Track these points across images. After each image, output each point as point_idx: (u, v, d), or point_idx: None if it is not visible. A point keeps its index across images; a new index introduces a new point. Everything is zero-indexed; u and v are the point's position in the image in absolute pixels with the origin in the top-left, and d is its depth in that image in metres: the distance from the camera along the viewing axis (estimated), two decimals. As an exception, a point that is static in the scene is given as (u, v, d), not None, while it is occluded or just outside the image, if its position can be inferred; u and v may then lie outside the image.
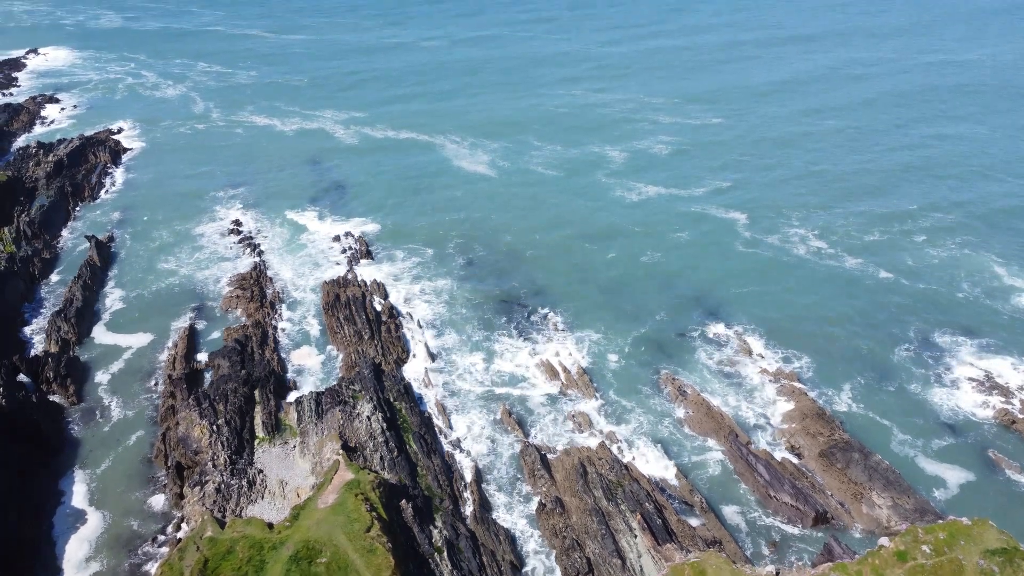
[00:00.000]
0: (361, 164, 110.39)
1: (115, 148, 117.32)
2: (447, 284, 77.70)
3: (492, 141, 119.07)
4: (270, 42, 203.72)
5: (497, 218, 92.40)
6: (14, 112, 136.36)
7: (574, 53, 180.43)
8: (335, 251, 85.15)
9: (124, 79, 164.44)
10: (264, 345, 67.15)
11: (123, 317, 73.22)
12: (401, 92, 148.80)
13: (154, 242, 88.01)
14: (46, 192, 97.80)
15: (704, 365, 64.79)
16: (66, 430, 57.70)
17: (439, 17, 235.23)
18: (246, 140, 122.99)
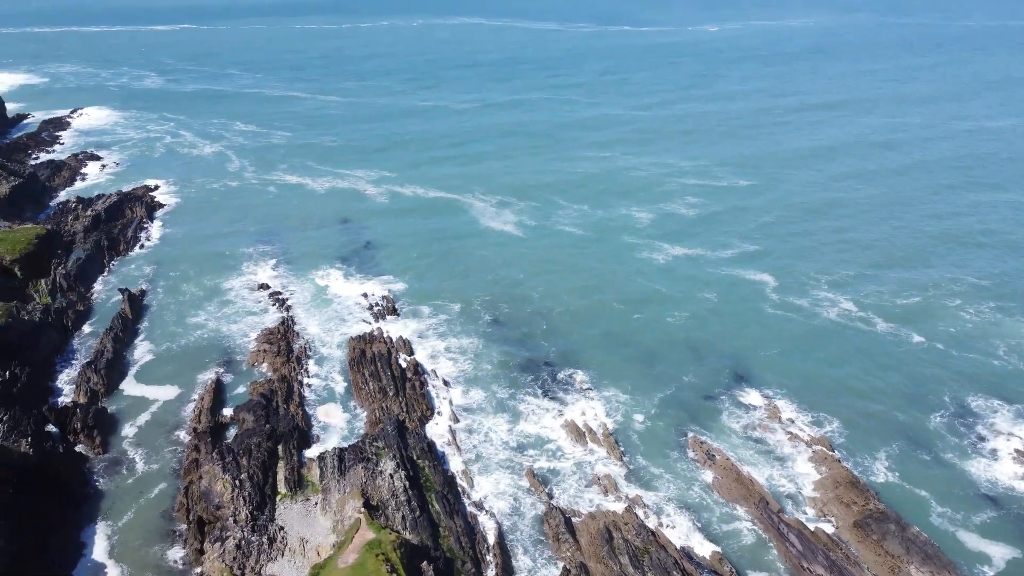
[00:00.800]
0: (390, 222, 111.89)
1: (151, 204, 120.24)
2: (473, 342, 77.63)
3: (520, 201, 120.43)
4: (305, 103, 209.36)
5: (523, 277, 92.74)
6: (56, 168, 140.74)
7: (602, 118, 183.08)
8: (362, 307, 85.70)
9: (163, 138, 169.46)
10: (289, 400, 67.17)
11: (152, 369, 73.79)
12: (432, 154, 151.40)
13: (184, 296, 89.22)
14: (83, 245, 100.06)
15: (732, 429, 63.62)
16: (90, 481, 57.68)
17: (472, 81, 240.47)
18: (278, 198, 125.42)
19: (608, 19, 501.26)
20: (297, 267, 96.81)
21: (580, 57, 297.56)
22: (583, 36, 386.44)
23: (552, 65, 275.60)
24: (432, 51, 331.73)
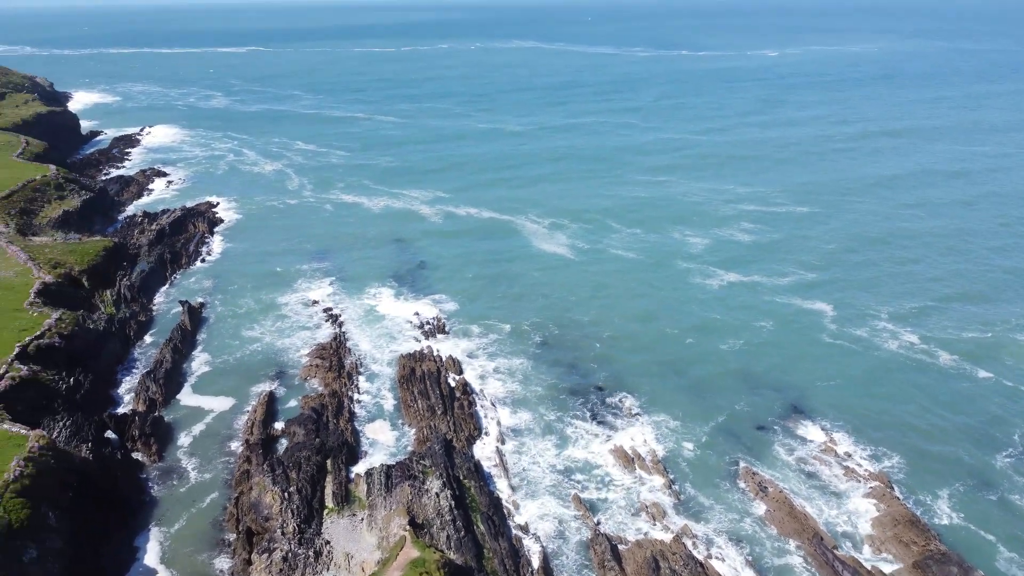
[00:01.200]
0: (442, 242, 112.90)
1: (213, 219, 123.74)
2: (522, 363, 77.43)
3: (573, 224, 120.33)
4: (363, 124, 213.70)
5: (575, 300, 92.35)
6: (125, 184, 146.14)
7: (659, 142, 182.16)
8: (412, 325, 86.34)
9: (226, 156, 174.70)
10: (339, 415, 67.82)
11: (208, 381, 75.45)
12: (486, 176, 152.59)
13: (241, 309, 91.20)
14: (147, 258, 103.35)
15: (786, 461, 61.89)
16: (145, 488, 59.02)
17: (528, 105, 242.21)
18: (334, 216, 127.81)
19: (665, 44, 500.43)
20: (350, 284, 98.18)
21: (637, 82, 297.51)
22: (640, 61, 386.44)
23: (608, 89, 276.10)
24: (489, 74, 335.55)
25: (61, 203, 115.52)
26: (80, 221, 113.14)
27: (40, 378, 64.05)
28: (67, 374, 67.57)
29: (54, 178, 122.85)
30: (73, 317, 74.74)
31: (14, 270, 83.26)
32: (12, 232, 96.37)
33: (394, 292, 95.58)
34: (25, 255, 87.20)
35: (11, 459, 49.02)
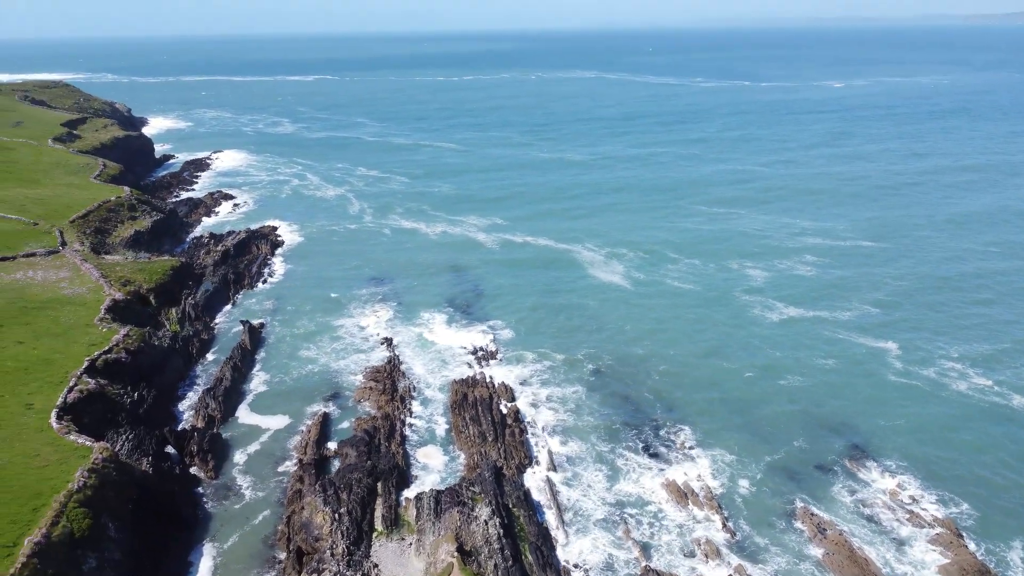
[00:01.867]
0: (498, 270, 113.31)
1: (275, 242, 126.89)
2: (575, 392, 76.76)
3: (630, 253, 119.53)
4: (425, 152, 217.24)
5: (630, 330, 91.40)
6: (194, 206, 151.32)
7: (721, 174, 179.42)
8: (466, 351, 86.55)
9: (290, 181, 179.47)
10: (391, 438, 68.14)
11: (265, 400, 76.82)
12: (545, 205, 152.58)
13: (299, 331, 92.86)
14: (212, 278, 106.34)
15: (846, 503, 59.63)
16: (201, 504, 60.09)
17: (590, 135, 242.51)
18: (392, 241, 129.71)
19: (727, 74, 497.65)
20: (406, 308, 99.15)
21: (700, 112, 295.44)
22: (702, 91, 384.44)
23: (671, 120, 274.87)
24: (550, 104, 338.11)
25: (133, 223, 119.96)
26: (150, 241, 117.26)
27: (107, 392, 66.07)
28: (132, 389, 69.57)
29: (128, 199, 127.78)
30: (140, 333, 77.11)
31: (87, 287, 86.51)
32: (87, 250, 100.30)
33: (449, 318, 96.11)
34: (98, 272, 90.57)
35: (76, 470, 50.49)
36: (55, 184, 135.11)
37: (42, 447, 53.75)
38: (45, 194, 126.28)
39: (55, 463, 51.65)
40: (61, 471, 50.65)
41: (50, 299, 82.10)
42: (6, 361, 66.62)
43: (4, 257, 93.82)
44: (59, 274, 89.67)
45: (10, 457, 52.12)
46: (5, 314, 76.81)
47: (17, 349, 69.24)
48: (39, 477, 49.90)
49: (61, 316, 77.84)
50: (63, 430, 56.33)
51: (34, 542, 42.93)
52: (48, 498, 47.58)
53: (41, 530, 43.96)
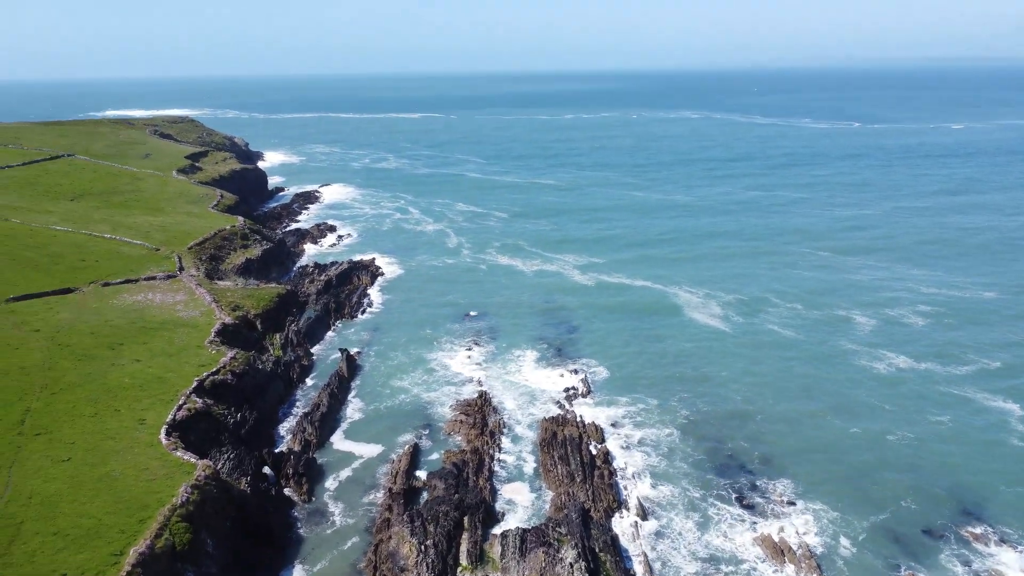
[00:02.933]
0: (592, 309, 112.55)
1: (376, 273, 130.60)
2: (668, 436, 74.84)
3: (729, 296, 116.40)
4: (524, 189, 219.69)
5: (726, 374, 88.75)
6: (301, 236, 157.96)
7: (831, 221, 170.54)
8: (557, 389, 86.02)
9: (393, 214, 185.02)
10: (479, 473, 68.12)
11: (359, 427, 78.47)
12: (642, 246, 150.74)
13: (393, 361, 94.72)
14: (314, 306, 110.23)
15: (955, 572, 55.29)
16: (294, 526, 61.56)
17: (694, 178, 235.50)
18: (488, 276, 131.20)
19: (837, 115, 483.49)
20: (499, 344, 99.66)
21: (810, 155, 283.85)
22: (813, 134, 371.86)
23: (780, 163, 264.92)
24: (653, 144, 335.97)
25: (245, 251, 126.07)
26: (259, 269, 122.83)
27: (212, 411, 69.02)
28: (235, 410, 72.42)
29: (241, 229, 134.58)
30: (245, 357, 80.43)
31: (200, 310, 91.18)
32: (201, 276, 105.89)
33: (541, 355, 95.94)
34: (210, 297, 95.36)
35: (180, 485, 52.74)
36: (176, 212, 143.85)
37: (151, 461, 56.49)
38: (167, 222, 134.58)
39: (162, 477, 54.14)
40: (167, 485, 53.02)
41: (166, 321, 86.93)
42: (124, 378, 70.74)
43: (129, 279, 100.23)
44: (176, 297, 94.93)
45: (122, 469, 55.02)
46: (126, 333, 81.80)
47: (134, 367, 73.43)
48: (147, 490, 52.39)
49: (175, 337, 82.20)
50: (171, 446, 59.07)
51: (139, 552, 44.93)
52: (153, 511, 49.83)
53: (146, 541, 45.99)
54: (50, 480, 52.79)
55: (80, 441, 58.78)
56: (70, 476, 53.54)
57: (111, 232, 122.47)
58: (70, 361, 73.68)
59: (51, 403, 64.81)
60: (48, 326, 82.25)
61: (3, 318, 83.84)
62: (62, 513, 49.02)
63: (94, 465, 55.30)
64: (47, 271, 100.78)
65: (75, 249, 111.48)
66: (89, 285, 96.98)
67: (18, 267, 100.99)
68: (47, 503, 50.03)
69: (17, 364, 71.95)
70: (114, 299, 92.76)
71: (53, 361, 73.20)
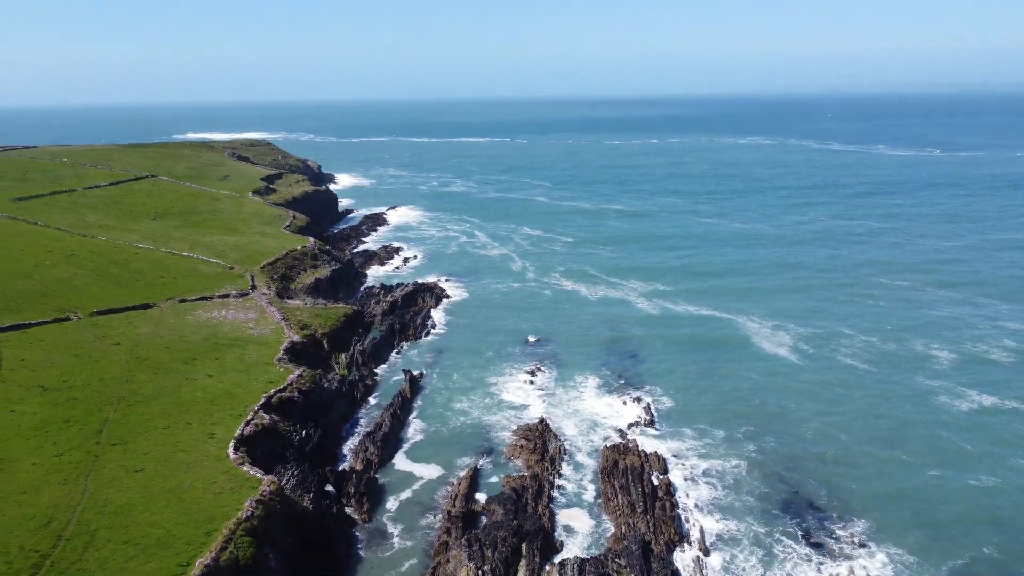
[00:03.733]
0: (656, 336, 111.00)
1: (440, 295, 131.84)
2: (733, 470, 72.84)
3: (800, 328, 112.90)
4: (589, 214, 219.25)
5: (796, 408, 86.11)
6: (368, 257, 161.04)
7: (911, 254, 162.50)
8: (619, 417, 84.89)
9: (459, 237, 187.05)
10: (538, 499, 67.53)
11: (420, 448, 78.91)
12: (710, 275, 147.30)
13: (455, 384, 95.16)
14: (379, 327, 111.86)
15: (1050, 629, 51.95)
16: (354, 545, 62.06)
17: (765, 206, 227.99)
18: (552, 301, 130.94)
19: (918, 143, 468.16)
20: (561, 369, 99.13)
21: (890, 185, 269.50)
22: (892, 162, 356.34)
23: (861, 192, 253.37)
24: (723, 170, 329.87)
25: (314, 271, 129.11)
26: (328, 289, 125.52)
27: (279, 428, 70.44)
28: (301, 427, 73.76)
29: (311, 249, 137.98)
30: (312, 375, 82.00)
31: (270, 328, 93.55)
32: (272, 294, 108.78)
33: (604, 382, 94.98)
34: (280, 315, 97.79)
35: (245, 499, 53.81)
36: (251, 232, 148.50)
37: (219, 475, 57.87)
38: (242, 241, 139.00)
39: (228, 491, 55.36)
40: (233, 499, 54.18)
41: (238, 337, 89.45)
42: (196, 392, 72.94)
43: (204, 296, 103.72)
44: (247, 315, 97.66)
45: (192, 481, 56.51)
46: (200, 349, 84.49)
47: (207, 382, 75.68)
48: (214, 503, 53.63)
49: (246, 354, 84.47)
50: (238, 460, 60.44)
51: (204, 564, 45.93)
52: (219, 523, 50.93)
53: (211, 553, 46.98)
54: (124, 490, 54.59)
55: (153, 452, 60.72)
56: (142, 486, 55.28)
57: (189, 250, 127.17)
58: (147, 374, 76.46)
59: (128, 414, 67.26)
60: (128, 340, 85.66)
61: (87, 331, 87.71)
62: (134, 523, 50.56)
63: (165, 476, 56.98)
64: (129, 287, 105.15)
65: (155, 266, 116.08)
66: (167, 301, 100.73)
67: (103, 282, 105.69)
68: (120, 512, 51.70)
69: (98, 376, 75.06)
70: (190, 315, 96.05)
71: (131, 374, 76.08)
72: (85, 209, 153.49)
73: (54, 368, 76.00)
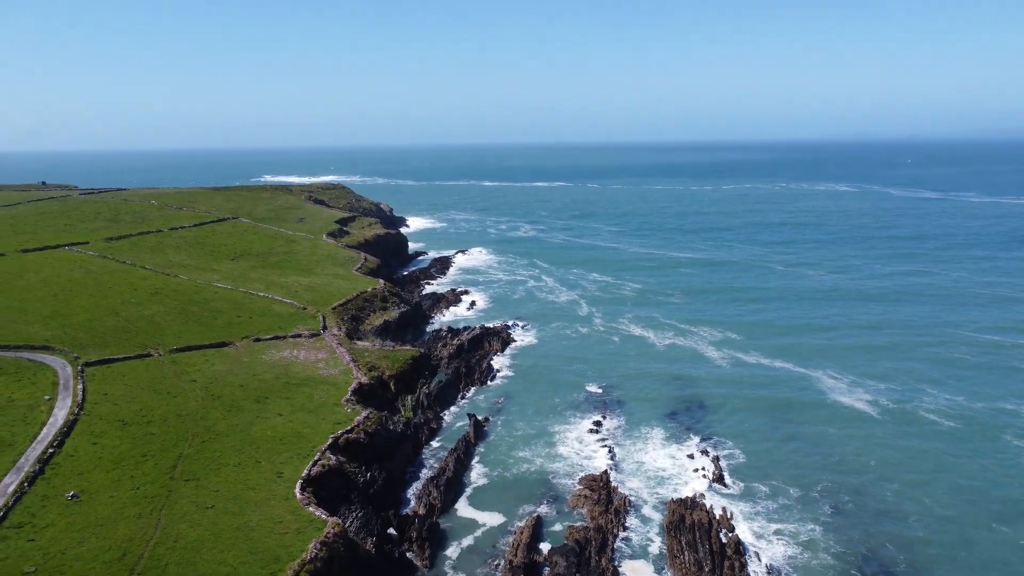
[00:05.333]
0: (726, 387, 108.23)
1: (506, 340, 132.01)
2: (808, 530, 69.81)
3: (878, 382, 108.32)
4: (659, 260, 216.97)
5: (875, 466, 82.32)
6: (436, 300, 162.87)
7: (1001, 310, 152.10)
8: (687, 470, 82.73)
9: (526, 281, 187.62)
10: (602, 553, 66.04)
11: (482, 494, 78.40)
12: (785, 325, 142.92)
13: (519, 429, 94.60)
14: (445, 370, 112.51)
15: None
16: (413, 592, 61.67)
17: (844, 259, 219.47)
18: (619, 348, 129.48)
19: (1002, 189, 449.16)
20: (627, 418, 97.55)
21: (987, 237, 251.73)
22: (982, 211, 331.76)
23: (949, 245, 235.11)
24: (800, 218, 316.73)
25: (384, 313, 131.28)
26: (396, 330, 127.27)
27: (344, 469, 71.16)
28: (366, 469, 74.34)
29: (381, 291, 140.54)
30: (378, 417, 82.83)
31: (339, 368, 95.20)
32: (342, 335, 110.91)
33: (671, 433, 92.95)
34: (349, 356, 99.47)
35: (310, 541, 54.32)
36: (324, 274, 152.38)
37: (285, 515, 58.67)
38: (315, 282, 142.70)
39: (294, 532, 56.02)
40: (298, 540, 54.77)
41: (308, 377, 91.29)
42: (267, 431, 74.51)
43: (278, 336, 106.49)
44: (318, 355, 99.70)
45: (259, 520, 57.42)
46: (272, 388, 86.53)
47: (276, 420, 77.28)
48: (280, 543, 54.31)
49: (315, 394, 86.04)
50: (304, 501, 61.20)
51: (267, 605, 46.29)
52: (284, 564, 51.51)
53: (274, 595, 47.39)
54: (194, 526, 55.83)
55: (223, 489, 62.06)
56: (212, 523, 56.44)
57: (265, 290, 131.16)
58: (220, 411, 78.60)
59: (201, 450, 69.11)
60: (204, 376, 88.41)
61: (167, 367, 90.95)
62: (203, 559, 51.57)
63: (234, 514, 58.07)
64: (207, 325, 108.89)
65: (233, 305, 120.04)
66: (242, 340, 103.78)
67: (184, 320, 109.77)
68: (190, 548, 52.84)
69: (175, 411, 77.55)
70: (263, 354, 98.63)
71: (206, 410, 78.35)
72: (170, 249, 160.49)
73: (134, 403, 78.90)
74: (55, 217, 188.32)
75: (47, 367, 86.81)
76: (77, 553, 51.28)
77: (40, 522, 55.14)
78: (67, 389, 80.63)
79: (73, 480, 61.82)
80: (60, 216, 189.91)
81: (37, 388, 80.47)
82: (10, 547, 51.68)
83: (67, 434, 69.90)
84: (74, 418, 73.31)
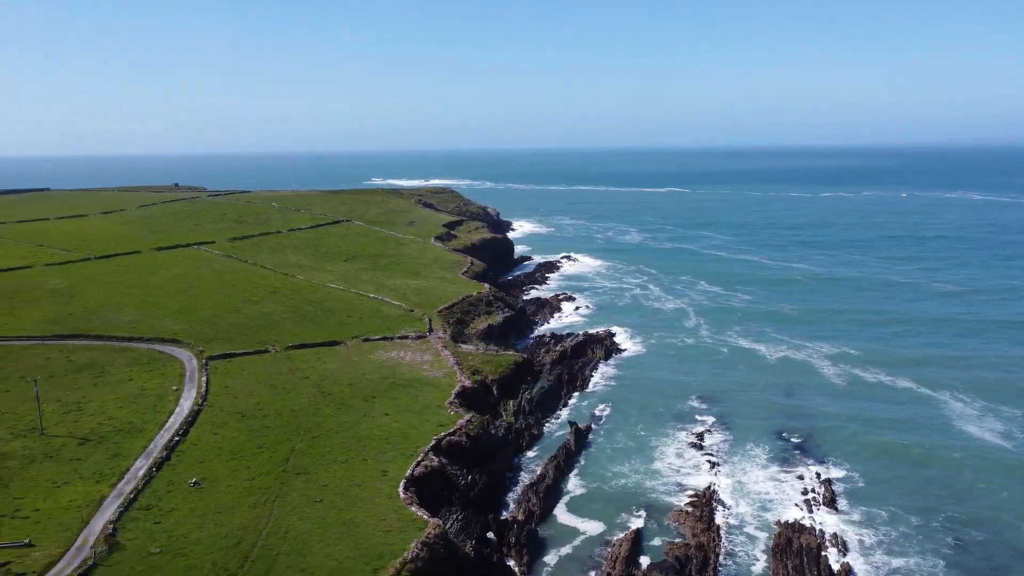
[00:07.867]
0: (840, 404, 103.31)
1: (610, 348, 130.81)
2: (929, 566, 65.58)
3: (1012, 409, 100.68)
4: (771, 270, 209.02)
5: (1007, 499, 76.55)
6: (540, 305, 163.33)
7: None
8: (795, 491, 79.47)
9: (632, 289, 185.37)
10: (703, 572, 64.37)
11: (581, 502, 78.03)
12: (906, 340, 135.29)
13: (620, 439, 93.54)
14: (548, 376, 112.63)
15: None
16: (511, 597, 61.92)
17: (976, 272, 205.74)
18: (727, 360, 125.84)
19: None
20: (732, 434, 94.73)
21: None
22: None
23: None
24: (927, 230, 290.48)
25: (488, 317, 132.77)
26: (500, 335, 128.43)
27: (446, 471, 72.37)
28: (467, 472, 75.33)
29: (486, 295, 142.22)
30: (480, 420, 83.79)
31: (443, 371, 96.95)
32: (447, 338, 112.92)
33: (779, 452, 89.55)
34: (453, 359, 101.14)
35: (412, 540, 55.50)
36: (431, 277, 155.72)
37: (388, 513, 60.21)
38: (423, 285, 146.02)
39: (396, 530, 57.39)
40: (400, 539, 56.07)
41: (414, 379, 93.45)
42: (373, 429, 76.76)
43: (386, 337, 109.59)
44: (423, 357, 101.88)
45: (363, 517, 59.17)
46: (379, 387, 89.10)
47: (383, 420, 79.49)
48: (383, 541, 55.76)
49: (420, 395, 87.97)
50: (407, 500, 62.60)
51: (369, 602, 47.57)
52: (386, 561, 52.83)
53: (376, 592, 48.64)
54: (304, 519, 58.14)
55: (332, 485, 64.35)
56: (320, 517, 58.62)
57: (375, 292, 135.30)
58: (331, 408, 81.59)
59: (312, 445, 71.93)
60: (316, 374, 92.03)
61: (282, 364, 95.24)
62: (311, 552, 53.62)
63: (341, 509, 60.11)
64: (321, 324, 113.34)
65: (345, 306, 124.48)
66: (353, 339, 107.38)
67: (299, 319, 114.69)
68: (299, 540, 55.05)
69: (289, 407, 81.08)
70: (372, 354, 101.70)
71: (317, 407, 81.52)
72: (288, 249, 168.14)
73: (252, 397, 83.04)
74: (185, 217, 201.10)
75: (175, 359, 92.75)
76: (197, 537, 54.37)
77: (166, 506, 58.83)
78: (192, 381, 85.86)
79: (195, 468, 65.65)
80: (189, 216, 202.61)
81: (166, 379, 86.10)
82: (139, 528, 55.38)
83: (191, 423, 74.40)
84: (198, 408, 77.95)
